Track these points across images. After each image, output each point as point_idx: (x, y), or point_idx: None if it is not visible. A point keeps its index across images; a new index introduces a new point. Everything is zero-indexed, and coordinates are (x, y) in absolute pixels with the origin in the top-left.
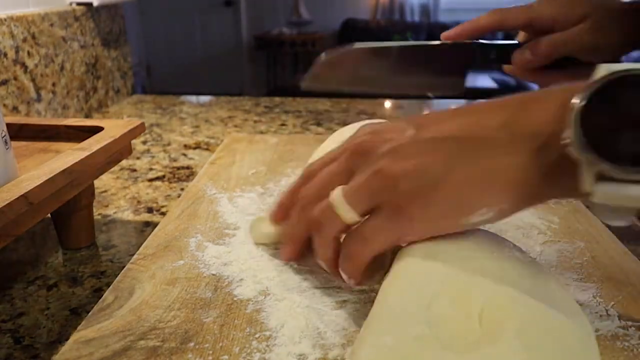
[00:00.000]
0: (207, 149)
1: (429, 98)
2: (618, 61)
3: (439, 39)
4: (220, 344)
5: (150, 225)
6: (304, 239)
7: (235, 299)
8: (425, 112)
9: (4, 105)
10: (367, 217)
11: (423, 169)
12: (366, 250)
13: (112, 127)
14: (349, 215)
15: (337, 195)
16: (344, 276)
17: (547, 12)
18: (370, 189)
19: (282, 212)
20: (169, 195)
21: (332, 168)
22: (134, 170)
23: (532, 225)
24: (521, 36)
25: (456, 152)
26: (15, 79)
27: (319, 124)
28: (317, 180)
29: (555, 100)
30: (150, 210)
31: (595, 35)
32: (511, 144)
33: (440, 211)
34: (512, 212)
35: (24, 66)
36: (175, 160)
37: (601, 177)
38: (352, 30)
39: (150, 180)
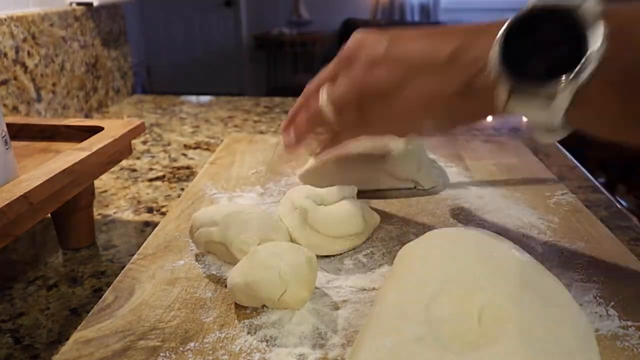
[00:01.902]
0: (207, 149)
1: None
2: None
3: None
4: (220, 344)
5: (150, 225)
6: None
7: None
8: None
9: (4, 105)
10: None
11: (385, 81)
12: (337, 139)
13: (112, 127)
14: (330, 114)
15: (323, 100)
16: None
17: None
18: (346, 92)
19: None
20: (169, 195)
21: (325, 73)
22: (134, 170)
23: (532, 225)
24: None
25: (412, 73)
26: (15, 79)
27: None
28: (315, 81)
29: (495, 31)
30: (150, 210)
31: None
32: (451, 71)
33: (392, 115)
34: (447, 129)
35: (24, 66)
36: (175, 160)
37: (513, 93)
38: (352, 30)
39: (150, 180)
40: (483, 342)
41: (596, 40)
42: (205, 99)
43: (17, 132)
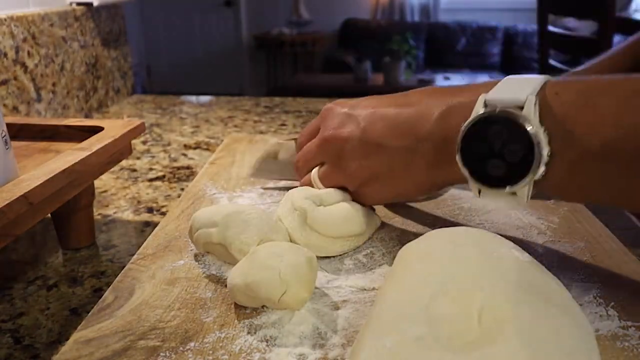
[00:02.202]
0: (207, 149)
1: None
2: None
3: (439, 39)
4: (220, 344)
5: (150, 225)
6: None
7: None
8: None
9: (4, 105)
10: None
11: (369, 168)
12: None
13: (112, 127)
14: (320, 187)
15: (314, 176)
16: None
17: None
18: (334, 179)
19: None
20: (169, 195)
21: (310, 149)
22: (134, 170)
23: (532, 225)
24: None
25: (393, 158)
26: (15, 79)
27: None
28: (301, 154)
29: (463, 115)
30: (150, 210)
31: None
32: (427, 153)
33: (382, 192)
34: (421, 194)
35: (24, 66)
36: (175, 160)
37: (481, 192)
38: (352, 30)
39: (150, 180)
40: (483, 342)
41: (542, 141)
42: (205, 99)
43: (17, 132)
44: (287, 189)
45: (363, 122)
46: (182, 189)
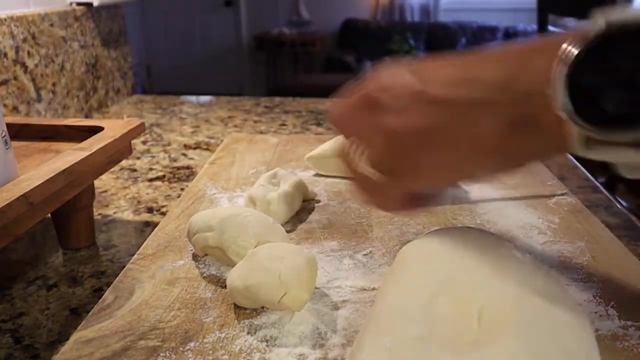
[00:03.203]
0: (207, 149)
1: None
2: None
3: (438, 39)
4: (220, 344)
5: (150, 225)
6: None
7: None
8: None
9: (4, 105)
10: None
11: (425, 125)
12: (388, 205)
13: (112, 127)
14: (372, 174)
15: (362, 165)
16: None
17: None
18: (384, 151)
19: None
20: (169, 195)
21: (348, 107)
22: (134, 170)
23: (532, 225)
24: None
25: (453, 117)
26: (15, 79)
27: (319, 124)
28: (340, 109)
29: (552, 53)
30: (150, 210)
31: None
32: (503, 106)
33: (439, 163)
34: (498, 172)
35: (24, 66)
36: (175, 160)
37: (589, 140)
38: (352, 31)
39: (150, 180)
40: (483, 342)
41: None
42: (205, 99)
43: (17, 132)
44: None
45: (420, 77)
46: (182, 189)
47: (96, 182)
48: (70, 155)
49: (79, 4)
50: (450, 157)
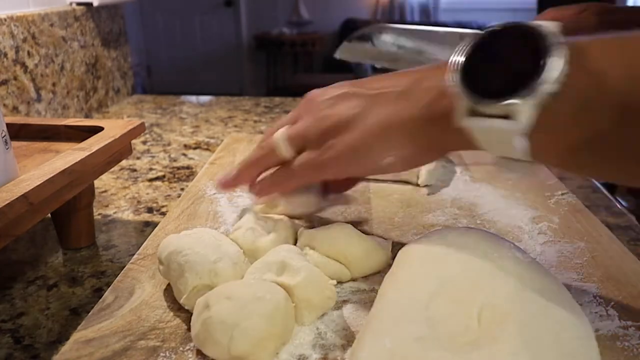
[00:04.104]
0: (207, 149)
1: None
2: None
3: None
4: None
5: (150, 225)
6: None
7: None
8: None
9: (4, 105)
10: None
11: (344, 115)
12: (292, 180)
13: (112, 127)
14: (286, 150)
15: (280, 134)
16: (256, 193)
17: None
18: (305, 130)
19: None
20: (169, 195)
21: (284, 119)
22: (134, 170)
23: (532, 225)
24: None
25: (369, 104)
26: (15, 79)
27: None
28: (272, 128)
29: (441, 64)
30: (150, 210)
31: (597, 19)
32: (410, 97)
33: (353, 150)
34: (415, 162)
35: (24, 66)
36: (175, 160)
37: (472, 113)
38: (352, 31)
39: (150, 180)
40: (483, 342)
41: (557, 60)
42: (205, 99)
43: (17, 132)
44: None
45: (353, 83)
46: (182, 189)
47: (96, 182)
48: (70, 155)
49: (79, 4)
50: (359, 143)
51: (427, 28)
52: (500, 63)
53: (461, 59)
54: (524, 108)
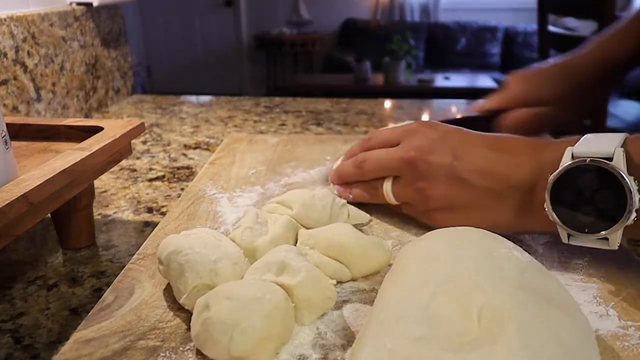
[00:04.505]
0: (207, 149)
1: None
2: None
3: (438, 39)
4: None
5: (150, 225)
6: (346, 180)
7: None
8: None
9: (4, 105)
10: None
11: (450, 198)
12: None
13: (112, 127)
14: (392, 201)
15: (387, 187)
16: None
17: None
18: (411, 198)
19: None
20: (169, 195)
21: (384, 161)
22: (134, 170)
23: None
24: (491, 102)
25: (477, 196)
26: (15, 79)
27: (319, 124)
28: (372, 159)
29: (551, 156)
30: (150, 210)
31: (563, 114)
32: (513, 203)
33: (455, 222)
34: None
35: (24, 66)
36: (175, 160)
37: (570, 236)
38: (352, 31)
39: (150, 180)
40: (483, 342)
41: (634, 188)
42: (205, 99)
43: (17, 132)
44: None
45: (455, 153)
46: (182, 189)
47: (96, 182)
48: (70, 155)
49: (78, 4)
50: (460, 219)
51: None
52: (586, 188)
53: (548, 187)
54: (614, 234)
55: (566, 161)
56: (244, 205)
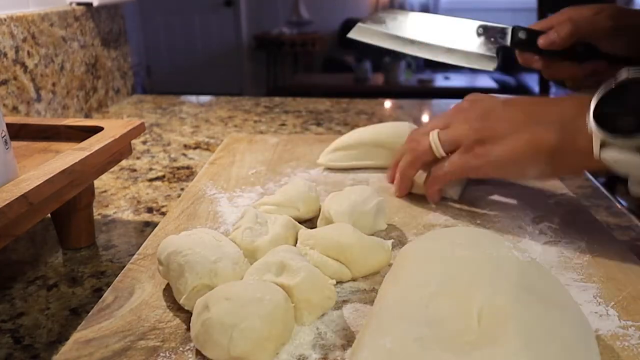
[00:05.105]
0: (207, 149)
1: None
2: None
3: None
4: None
5: (150, 225)
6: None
7: None
8: (474, 100)
9: (4, 105)
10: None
11: (498, 129)
12: (445, 175)
13: (112, 127)
14: (439, 150)
15: (434, 135)
16: (429, 192)
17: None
18: (459, 136)
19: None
20: (169, 195)
21: (434, 121)
22: (134, 170)
23: (532, 225)
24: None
25: (521, 126)
26: (15, 79)
27: (318, 124)
28: (422, 128)
29: (582, 99)
30: (150, 210)
31: (613, 22)
32: (556, 129)
33: (503, 162)
34: (552, 177)
35: (24, 66)
36: (175, 160)
37: (605, 145)
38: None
39: (150, 180)
40: (483, 342)
41: None
42: (205, 99)
43: (17, 132)
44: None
45: (503, 100)
46: (182, 189)
47: (96, 182)
48: (70, 155)
49: (78, 4)
50: (508, 156)
51: (442, 17)
52: (629, 104)
53: (594, 102)
54: None
55: (618, 78)
56: (244, 205)
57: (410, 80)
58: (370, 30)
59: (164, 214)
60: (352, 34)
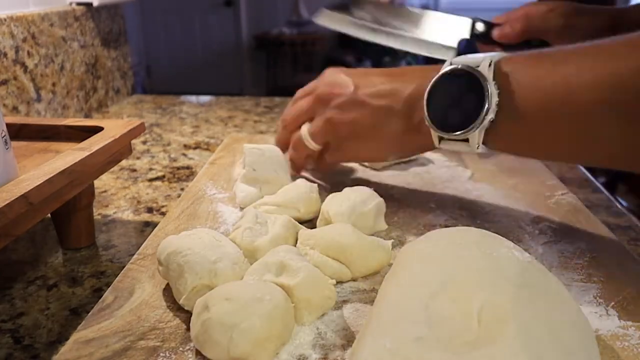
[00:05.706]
0: (207, 149)
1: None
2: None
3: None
4: None
5: (150, 225)
6: (286, 145)
7: None
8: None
9: (4, 105)
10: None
11: (354, 122)
12: (320, 165)
13: (112, 127)
14: (311, 145)
15: (304, 131)
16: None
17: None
18: (323, 131)
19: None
20: (169, 195)
21: (302, 106)
22: (134, 170)
23: (532, 225)
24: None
25: (375, 115)
26: (15, 79)
27: None
28: (293, 110)
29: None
30: (150, 210)
31: (563, 20)
32: (409, 115)
33: (362, 149)
34: (404, 157)
35: (24, 66)
36: (175, 160)
37: (441, 139)
38: None
39: (150, 180)
40: (483, 342)
41: (493, 92)
42: (205, 99)
43: (17, 132)
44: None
45: (356, 83)
46: (182, 189)
47: (96, 182)
48: (70, 155)
49: (78, 4)
50: (366, 144)
51: (409, 9)
52: (456, 94)
53: (426, 96)
54: (474, 134)
55: (445, 68)
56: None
57: None
58: (334, 16)
59: (164, 214)
60: (319, 19)
